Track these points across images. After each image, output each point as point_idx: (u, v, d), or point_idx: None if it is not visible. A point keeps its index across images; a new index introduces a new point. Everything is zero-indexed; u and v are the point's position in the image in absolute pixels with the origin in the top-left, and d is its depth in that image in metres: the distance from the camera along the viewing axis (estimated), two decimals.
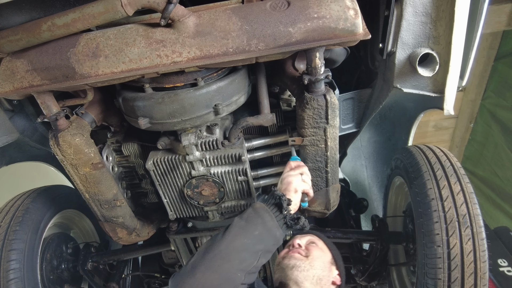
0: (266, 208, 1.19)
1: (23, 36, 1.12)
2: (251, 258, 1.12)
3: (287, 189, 1.26)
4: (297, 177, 1.29)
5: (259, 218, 1.16)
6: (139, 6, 1.07)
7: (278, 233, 1.17)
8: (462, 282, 1.43)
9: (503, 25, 3.50)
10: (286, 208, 1.18)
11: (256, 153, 1.65)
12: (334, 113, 1.39)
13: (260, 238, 1.14)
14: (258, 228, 1.14)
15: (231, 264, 1.09)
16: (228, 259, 1.09)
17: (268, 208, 1.19)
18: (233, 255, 1.09)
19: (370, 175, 2.83)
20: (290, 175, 1.31)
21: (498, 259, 2.68)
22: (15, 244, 1.62)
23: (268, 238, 1.16)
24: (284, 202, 1.19)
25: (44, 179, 2.60)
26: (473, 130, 4.83)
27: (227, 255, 1.09)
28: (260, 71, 1.47)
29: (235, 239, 1.12)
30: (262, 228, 1.15)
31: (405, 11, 1.46)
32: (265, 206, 1.19)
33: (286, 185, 1.27)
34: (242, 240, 1.12)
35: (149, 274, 2.54)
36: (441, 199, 1.52)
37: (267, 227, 1.15)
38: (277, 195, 1.20)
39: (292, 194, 1.25)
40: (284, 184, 1.28)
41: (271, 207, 1.20)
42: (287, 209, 1.19)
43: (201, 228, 1.91)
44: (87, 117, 1.48)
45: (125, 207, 1.66)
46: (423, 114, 2.08)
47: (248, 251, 1.12)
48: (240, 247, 1.11)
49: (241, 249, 1.11)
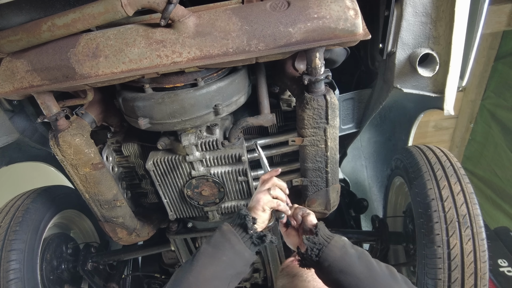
0: (232, 230, 1.17)
1: (23, 36, 1.12)
2: (222, 285, 1.11)
3: (254, 208, 1.25)
4: (265, 194, 1.27)
5: (226, 242, 1.15)
6: (139, 6, 1.07)
7: (246, 253, 1.17)
8: (462, 283, 1.44)
9: (503, 25, 3.50)
10: (252, 228, 1.18)
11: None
12: (334, 113, 1.39)
13: (229, 263, 1.13)
14: (226, 254, 1.13)
15: None
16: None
17: (234, 230, 1.18)
18: (204, 286, 1.08)
19: (370, 175, 2.83)
20: (258, 191, 1.29)
21: (498, 259, 2.68)
22: (15, 245, 1.62)
23: (238, 261, 1.15)
24: (248, 222, 1.18)
25: (44, 179, 2.60)
26: (473, 130, 4.83)
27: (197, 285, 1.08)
28: (260, 71, 1.47)
29: (204, 269, 1.11)
30: (230, 253, 1.14)
31: (405, 11, 1.46)
32: (231, 228, 1.18)
33: (254, 203, 1.26)
34: (211, 268, 1.11)
35: (149, 275, 2.54)
36: (441, 199, 1.52)
37: (235, 250, 1.14)
38: (242, 215, 1.20)
39: (260, 213, 1.24)
40: (253, 202, 1.28)
41: (236, 228, 1.18)
42: (253, 229, 1.18)
43: (201, 229, 1.91)
44: (87, 117, 1.48)
45: (125, 207, 1.66)
46: (423, 114, 2.08)
47: (218, 279, 1.11)
48: (209, 276, 1.09)
49: (211, 278, 1.10)
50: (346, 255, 1.10)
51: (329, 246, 1.12)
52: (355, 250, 1.13)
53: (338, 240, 1.15)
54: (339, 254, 1.11)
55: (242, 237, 1.17)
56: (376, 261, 1.12)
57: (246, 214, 1.19)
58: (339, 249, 1.12)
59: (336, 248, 1.12)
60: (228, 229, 1.18)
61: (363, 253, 1.13)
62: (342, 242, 1.15)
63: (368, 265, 1.09)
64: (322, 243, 1.13)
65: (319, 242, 1.14)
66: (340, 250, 1.11)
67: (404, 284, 1.07)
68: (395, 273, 1.10)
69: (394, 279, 1.07)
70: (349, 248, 1.13)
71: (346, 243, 1.15)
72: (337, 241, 1.14)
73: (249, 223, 1.18)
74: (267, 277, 2.22)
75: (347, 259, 1.09)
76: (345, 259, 1.10)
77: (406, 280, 1.09)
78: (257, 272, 2.25)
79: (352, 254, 1.11)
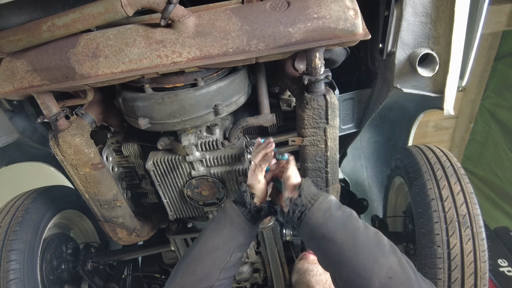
0: (233, 205, 1.26)
1: (23, 36, 1.12)
2: (223, 256, 1.18)
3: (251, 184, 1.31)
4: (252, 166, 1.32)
5: (227, 217, 1.24)
6: (139, 7, 1.07)
7: (246, 226, 1.23)
8: (462, 282, 1.44)
9: (503, 25, 3.50)
10: (250, 202, 1.25)
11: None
12: (334, 113, 1.39)
13: (230, 235, 1.21)
14: (226, 227, 1.22)
15: (204, 265, 1.16)
16: (201, 261, 1.17)
17: (235, 206, 1.25)
18: (205, 256, 1.17)
19: (370, 175, 2.83)
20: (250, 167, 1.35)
21: (498, 259, 2.68)
22: (15, 245, 1.61)
23: (238, 234, 1.22)
24: (246, 197, 1.25)
25: (44, 179, 2.60)
26: (473, 130, 4.83)
27: (200, 257, 1.18)
28: (260, 71, 1.47)
29: (207, 241, 1.20)
30: (230, 226, 1.22)
31: (405, 11, 1.46)
32: (232, 204, 1.26)
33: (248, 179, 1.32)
34: (213, 241, 1.20)
35: (149, 275, 2.54)
36: (441, 199, 1.52)
37: (234, 223, 1.22)
38: (241, 191, 1.27)
39: (256, 186, 1.29)
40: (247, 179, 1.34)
41: (237, 204, 1.26)
42: (251, 203, 1.25)
43: (201, 229, 1.91)
44: (87, 118, 1.48)
45: (125, 208, 1.66)
46: (423, 114, 2.09)
47: (219, 250, 1.18)
48: (211, 248, 1.18)
49: (213, 249, 1.18)
50: (330, 220, 1.04)
51: (312, 209, 1.07)
52: (341, 212, 1.06)
53: (323, 201, 1.09)
54: (322, 219, 1.05)
55: (242, 211, 1.24)
56: (365, 225, 1.04)
57: (244, 190, 1.26)
58: (322, 212, 1.06)
59: (319, 211, 1.06)
60: (229, 205, 1.26)
61: (350, 217, 1.05)
62: (327, 203, 1.08)
63: (353, 232, 1.01)
64: (305, 205, 1.09)
65: (301, 204, 1.10)
66: (324, 215, 1.06)
67: (392, 254, 0.98)
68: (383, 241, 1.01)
69: (381, 248, 0.99)
70: (334, 211, 1.06)
71: (332, 205, 1.08)
72: (321, 203, 1.08)
73: (247, 198, 1.25)
74: (267, 277, 2.22)
75: (330, 224, 1.03)
76: (327, 224, 1.03)
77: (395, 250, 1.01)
78: (257, 272, 2.25)
79: (337, 219, 1.04)
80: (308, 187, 1.16)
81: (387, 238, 1.04)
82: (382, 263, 0.95)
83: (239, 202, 1.27)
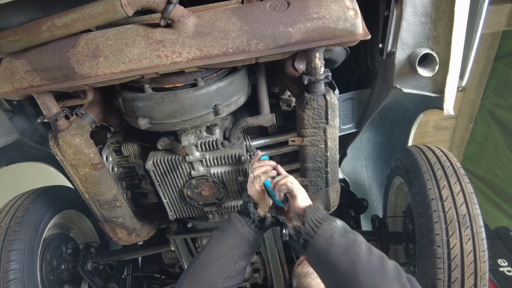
0: (238, 216, 1.30)
1: (23, 36, 1.12)
2: (228, 264, 1.22)
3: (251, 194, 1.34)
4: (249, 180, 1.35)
5: (232, 226, 1.28)
6: (139, 7, 1.07)
7: (250, 236, 1.27)
8: (462, 282, 1.44)
9: (502, 25, 3.50)
10: (253, 212, 1.29)
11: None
12: (334, 113, 1.39)
13: (234, 244, 1.24)
14: (231, 236, 1.26)
15: (209, 272, 1.19)
16: (207, 268, 1.20)
17: (239, 216, 1.29)
18: (211, 264, 1.21)
19: (370, 175, 2.83)
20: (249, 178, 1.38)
21: (498, 259, 2.68)
22: (15, 245, 1.61)
23: (242, 244, 1.25)
24: (250, 207, 1.30)
25: (44, 179, 2.60)
26: (473, 130, 4.83)
27: (206, 265, 1.22)
28: (260, 71, 1.47)
29: (212, 250, 1.25)
30: (234, 235, 1.26)
31: (404, 11, 1.46)
32: (237, 214, 1.30)
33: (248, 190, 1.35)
34: (218, 249, 1.24)
35: (149, 275, 2.54)
36: (441, 199, 1.52)
37: (239, 233, 1.26)
38: (245, 202, 1.33)
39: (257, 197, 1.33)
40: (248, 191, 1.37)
41: (241, 214, 1.30)
42: (254, 213, 1.29)
43: (201, 229, 1.91)
44: (87, 118, 1.48)
45: (125, 208, 1.66)
46: (423, 114, 2.09)
47: (224, 258, 1.22)
48: (216, 256, 1.22)
49: (218, 257, 1.22)
50: (332, 247, 1.03)
51: (315, 237, 1.07)
52: (345, 239, 1.05)
53: (326, 228, 1.08)
54: (324, 246, 1.04)
55: (246, 221, 1.28)
56: (368, 250, 1.02)
57: (248, 200, 1.31)
58: (325, 240, 1.05)
59: (323, 239, 1.06)
60: (234, 215, 1.30)
61: (353, 243, 1.04)
62: (331, 231, 1.07)
63: (355, 259, 0.99)
64: (309, 233, 1.09)
65: (305, 232, 1.10)
66: (327, 242, 1.05)
67: (395, 280, 0.95)
68: (386, 267, 0.98)
69: (383, 275, 0.96)
70: (337, 239, 1.04)
71: (336, 231, 1.07)
72: (325, 230, 1.07)
73: (251, 208, 1.29)
74: (267, 277, 2.22)
75: (333, 252, 1.02)
76: (330, 252, 1.02)
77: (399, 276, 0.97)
78: (257, 272, 2.25)
79: (340, 246, 1.03)
80: (314, 213, 1.14)
81: (394, 262, 1.01)
82: None
83: (243, 212, 1.31)
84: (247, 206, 1.31)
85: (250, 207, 1.30)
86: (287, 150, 1.68)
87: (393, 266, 0.99)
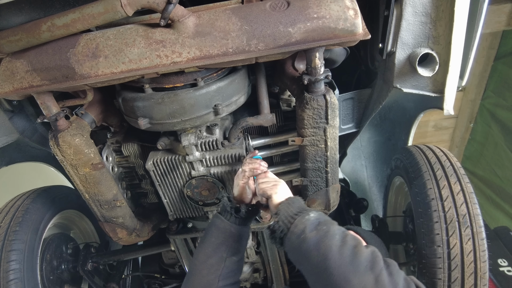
0: (217, 214, 1.32)
1: (23, 36, 1.12)
2: (217, 263, 1.22)
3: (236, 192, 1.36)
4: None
5: (212, 226, 1.29)
6: (139, 7, 1.07)
7: (233, 229, 1.27)
8: (462, 282, 1.44)
9: (502, 25, 3.50)
10: (228, 204, 1.30)
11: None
12: (334, 113, 1.39)
13: (218, 242, 1.25)
14: (213, 234, 1.27)
15: (201, 275, 1.22)
16: (197, 272, 1.23)
17: (218, 214, 1.31)
18: (200, 267, 1.23)
19: (370, 175, 2.83)
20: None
21: (498, 259, 2.68)
22: (15, 245, 1.61)
23: (226, 238, 1.25)
24: (224, 201, 1.32)
25: (44, 179, 2.60)
26: (473, 130, 4.83)
27: (196, 269, 1.24)
28: (260, 71, 1.47)
29: (199, 253, 1.27)
30: (216, 233, 1.27)
31: (404, 11, 1.46)
32: (217, 213, 1.32)
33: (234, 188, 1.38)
34: (204, 251, 1.25)
35: (149, 275, 2.54)
36: (441, 199, 1.52)
37: (220, 229, 1.27)
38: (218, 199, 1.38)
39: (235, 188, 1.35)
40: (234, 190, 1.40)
41: (220, 212, 1.32)
42: (230, 205, 1.30)
43: (201, 229, 1.91)
44: (87, 118, 1.48)
45: (125, 208, 1.66)
46: (423, 114, 2.09)
47: (212, 257, 1.23)
48: (204, 258, 1.24)
49: (205, 258, 1.23)
50: (303, 243, 1.00)
51: (288, 234, 1.06)
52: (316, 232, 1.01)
53: (298, 223, 1.05)
54: (296, 243, 1.03)
55: (224, 216, 1.29)
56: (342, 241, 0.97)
57: (222, 195, 1.35)
58: (297, 236, 1.03)
59: (294, 235, 1.04)
60: (214, 215, 1.33)
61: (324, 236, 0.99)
62: (302, 225, 1.04)
63: (326, 253, 0.95)
64: (283, 231, 1.08)
65: (279, 230, 1.09)
66: (298, 238, 1.02)
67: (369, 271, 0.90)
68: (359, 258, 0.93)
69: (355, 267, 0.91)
70: (308, 233, 1.01)
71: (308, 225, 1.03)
72: (296, 226, 1.05)
73: (225, 202, 1.31)
74: (267, 277, 2.22)
75: (304, 247, 1.00)
76: (301, 248, 1.00)
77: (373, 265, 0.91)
78: (257, 272, 2.25)
79: (310, 241, 0.99)
80: (287, 209, 1.11)
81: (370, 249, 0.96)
82: (354, 284, 0.89)
83: (221, 209, 1.33)
84: (222, 202, 1.33)
85: (224, 201, 1.32)
86: (287, 150, 1.68)
87: (367, 255, 0.94)
